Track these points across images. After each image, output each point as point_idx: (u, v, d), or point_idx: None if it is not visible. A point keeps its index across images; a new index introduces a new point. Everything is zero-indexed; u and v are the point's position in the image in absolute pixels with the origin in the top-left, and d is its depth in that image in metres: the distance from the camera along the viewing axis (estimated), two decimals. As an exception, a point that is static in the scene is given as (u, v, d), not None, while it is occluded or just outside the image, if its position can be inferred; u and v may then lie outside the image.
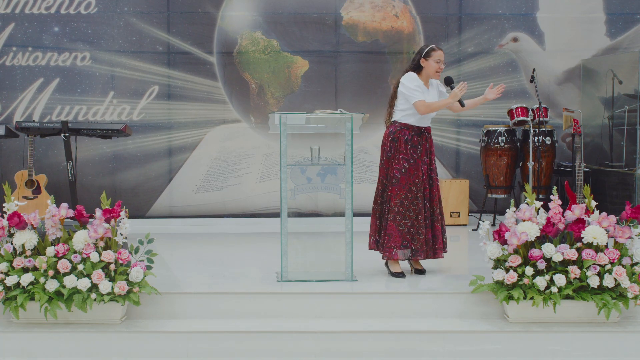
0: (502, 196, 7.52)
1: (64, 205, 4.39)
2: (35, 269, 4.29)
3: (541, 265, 4.24)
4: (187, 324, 4.35)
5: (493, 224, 7.02)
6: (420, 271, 5.11)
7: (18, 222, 4.32)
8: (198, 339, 4.22)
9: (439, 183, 5.11)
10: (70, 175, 6.61)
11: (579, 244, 4.31)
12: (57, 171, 7.58)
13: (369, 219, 5.21)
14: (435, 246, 5.02)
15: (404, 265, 5.20)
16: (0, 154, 7.76)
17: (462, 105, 5.11)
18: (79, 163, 7.14)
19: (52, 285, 4.19)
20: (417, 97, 4.94)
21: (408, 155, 4.96)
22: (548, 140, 7.41)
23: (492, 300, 4.41)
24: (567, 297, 4.24)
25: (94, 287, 4.23)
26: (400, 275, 4.98)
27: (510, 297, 4.26)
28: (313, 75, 7.89)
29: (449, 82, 5.17)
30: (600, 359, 4.17)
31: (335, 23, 7.89)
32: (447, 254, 5.17)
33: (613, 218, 4.32)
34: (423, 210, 4.96)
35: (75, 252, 4.30)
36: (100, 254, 4.28)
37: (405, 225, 4.94)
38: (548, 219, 4.35)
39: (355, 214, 5.07)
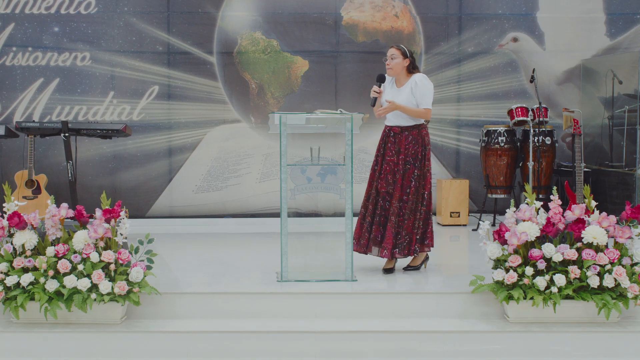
0: (502, 196, 7.52)
1: (64, 205, 4.39)
2: (35, 269, 4.29)
3: (541, 265, 4.24)
4: (187, 324, 4.35)
5: (493, 224, 7.02)
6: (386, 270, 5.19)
7: (18, 222, 4.32)
8: (198, 339, 4.23)
9: (414, 183, 5.04)
10: (70, 175, 6.61)
11: (579, 244, 4.31)
12: (57, 171, 7.58)
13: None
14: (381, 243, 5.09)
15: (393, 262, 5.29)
16: (0, 154, 7.76)
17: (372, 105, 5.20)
18: (79, 163, 7.14)
19: (52, 286, 4.19)
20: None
21: (378, 154, 5.15)
22: (548, 140, 7.41)
23: (492, 300, 4.41)
24: (567, 297, 4.24)
25: (94, 287, 4.23)
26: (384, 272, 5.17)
27: (510, 297, 4.26)
28: (313, 75, 7.89)
29: (379, 80, 5.21)
30: (600, 359, 4.17)
31: (335, 23, 7.90)
32: (447, 254, 5.17)
33: (613, 218, 4.32)
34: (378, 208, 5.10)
35: (75, 252, 4.30)
36: (100, 254, 4.28)
37: (362, 222, 5.13)
38: (548, 219, 4.36)
39: (355, 214, 5.07)
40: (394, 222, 5.02)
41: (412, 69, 5.11)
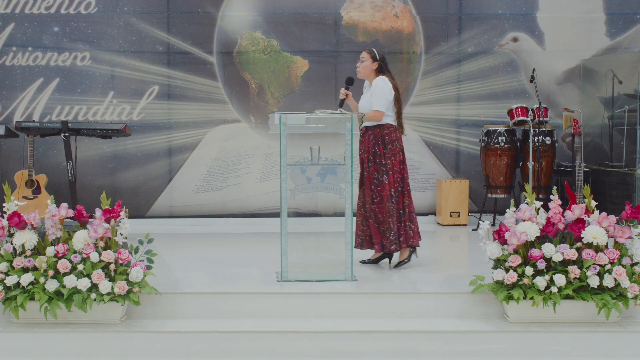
0: (502, 196, 7.52)
1: (64, 205, 4.39)
2: (35, 269, 4.29)
3: (541, 265, 4.24)
4: (187, 324, 4.35)
5: (493, 224, 7.02)
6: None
7: (18, 222, 4.32)
8: (198, 339, 4.23)
9: (372, 180, 5.19)
10: (70, 175, 6.61)
11: (579, 244, 4.31)
12: (57, 171, 7.58)
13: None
14: (371, 241, 5.25)
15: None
16: (0, 154, 7.76)
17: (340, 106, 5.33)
18: (79, 163, 7.14)
19: (52, 285, 4.19)
20: None
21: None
22: (548, 140, 7.41)
23: (492, 300, 4.41)
24: (567, 297, 4.24)
25: (94, 287, 4.23)
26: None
27: (510, 297, 4.26)
28: (313, 75, 7.89)
29: (347, 82, 5.33)
30: (600, 359, 4.17)
31: (335, 23, 7.90)
32: (447, 254, 5.19)
33: (613, 218, 4.32)
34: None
35: (75, 252, 4.30)
36: (100, 254, 4.28)
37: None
38: (548, 219, 4.35)
39: (355, 214, 5.08)
40: (373, 219, 5.16)
41: (379, 71, 5.25)
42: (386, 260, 5.44)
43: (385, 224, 5.13)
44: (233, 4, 7.87)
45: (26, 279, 4.21)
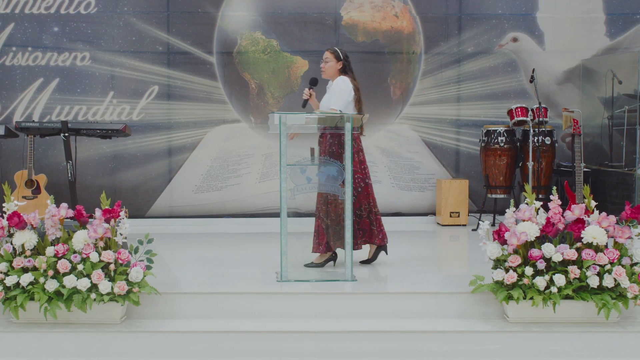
0: (501, 196, 7.52)
1: (64, 205, 4.39)
2: (35, 269, 4.29)
3: (541, 265, 4.24)
4: (187, 324, 4.35)
5: (493, 224, 7.02)
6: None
7: (18, 222, 4.32)
8: (198, 339, 4.23)
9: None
10: (70, 175, 6.61)
11: (578, 244, 4.31)
12: (57, 171, 7.58)
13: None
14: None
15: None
16: (0, 154, 7.76)
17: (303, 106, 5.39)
18: (79, 163, 7.14)
19: (51, 285, 4.19)
20: None
21: None
22: (548, 140, 7.41)
23: (492, 300, 4.41)
24: (567, 297, 4.23)
25: (94, 287, 4.22)
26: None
27: (510, 297, 4.26)
28: (313, 75, 7.87)
29: (311, 82, 5.39)
30: (600, 359, 4.17)
31: (335, 23, 7.90)
32: (447, 254, 5.19)
33: (613, 218, 4.32)
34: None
35: (75, 252, 4.30)
36: (100, 254, 4.27)
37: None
38: (548, 219, 4.35)
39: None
40: (323, 219, 5.15)
41: (343, 71, 5.30)
42: (385, 260, 5.41)
43: (338, 225, 5.12)
44: (233, 4, 7.87)
45: (26, 279, 4.21)
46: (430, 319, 4.42)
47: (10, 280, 4.22)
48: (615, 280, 4.21)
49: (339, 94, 5.18)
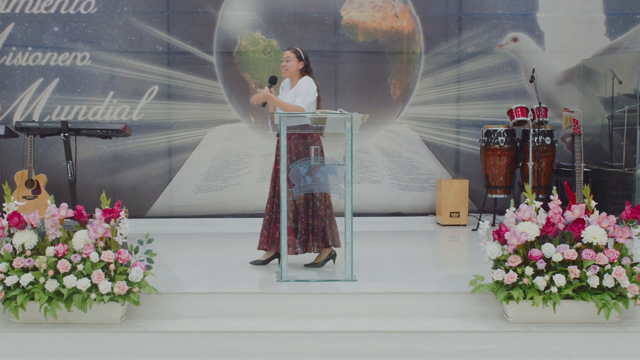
0: (501, 196, 7.52)
1: (64, 205, 4.39)
2: (35, 269, 4.29)
3: (541, 265, 4.24)
4: (187, 324, 4.35)
5: (493, 224, 7.02)
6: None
7: (18, 222, 4.32)
8: (198, 339, 4.23)
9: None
10: (70, 175, 6.61)
11: (578, 244, 4.30)
12: (57, 171, 7.58)
13: (369, 218, 5.27)
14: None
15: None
16: (0, 154, 7.76)
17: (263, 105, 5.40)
18: (79, 163, 7.14)
19: (51, 285, 4.19)
20: None
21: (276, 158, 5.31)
22: (548, 140, 7.41)
23: (492, 300, 4.41)
24: (567, 297, 4.23)
25: (94, 287, 4.22)
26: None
27: (510, 297, 4.26)
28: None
29: (270, 81, 5.35)
30: (600, 359, 4.17)
31: (335, 23, 7.90)
32: (447, 254, 5.18)
33: (613, 218, 4.32)
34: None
35: (75, 252, 4.30)
36: (100, 254, 4.27)
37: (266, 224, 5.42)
38: (548, 219, 4.35)
39: (355, 214, 5.07)
40: (291, 219, 5.13)
41: (304, 71, 5.31)
42: (386, 259, 5.42)
43: (315, 225, 5.12)
44: (233, 4, 7.87)
45: (26, 279, 4.21)
46: (430, 319, 4.42)
47: (10, 280, 4.22)
48: (615, 280, 4.21)
49: (305, 93, 5.20)
